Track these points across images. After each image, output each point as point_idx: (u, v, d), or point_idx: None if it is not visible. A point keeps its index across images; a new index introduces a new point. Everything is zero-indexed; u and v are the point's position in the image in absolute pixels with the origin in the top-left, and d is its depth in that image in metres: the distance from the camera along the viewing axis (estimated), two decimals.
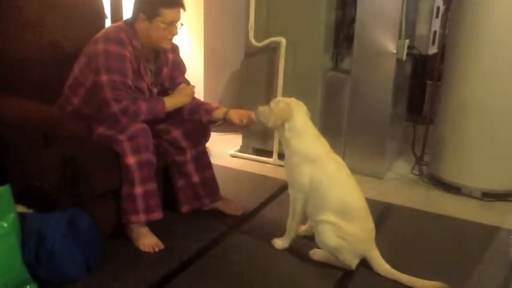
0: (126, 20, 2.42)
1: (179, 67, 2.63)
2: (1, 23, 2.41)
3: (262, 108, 2.38)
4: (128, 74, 2.30)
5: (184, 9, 2.38)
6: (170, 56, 2.57)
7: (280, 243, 2.42)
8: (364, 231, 2.21)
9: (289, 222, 2.39)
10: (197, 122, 2.62)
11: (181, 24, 2.39)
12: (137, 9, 2.34)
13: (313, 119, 2.35)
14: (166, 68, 2.56)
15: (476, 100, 3.05)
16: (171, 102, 2.45)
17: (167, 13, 2.31)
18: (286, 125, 2.27)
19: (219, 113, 2.55)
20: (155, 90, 2.52)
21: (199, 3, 4.00)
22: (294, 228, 2.39)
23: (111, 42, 2.28)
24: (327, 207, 2.21)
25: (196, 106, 2.58)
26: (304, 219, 2.44)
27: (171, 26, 2.35)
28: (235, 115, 2.53)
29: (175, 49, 2.60)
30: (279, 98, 2.37)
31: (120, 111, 2.28)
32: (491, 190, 3.15)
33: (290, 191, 2.35)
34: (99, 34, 2.34)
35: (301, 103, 2.34)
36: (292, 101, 2.32)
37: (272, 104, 2.34)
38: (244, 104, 3.63)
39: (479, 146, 3.10)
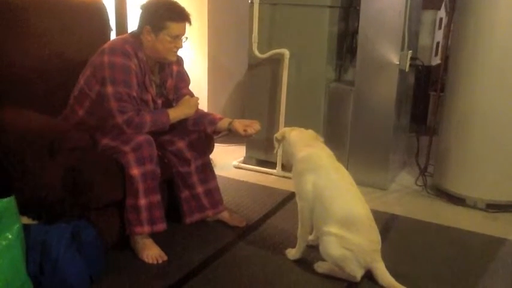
0: (132, 32, 2.44)
1: (183, 79, 2.65)
2: (7, 35, 2.43)
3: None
4: (132, 86, 2.32)
5: (190, 23, 2.40)
6: (174, 67, 2.59)
7: (292, 253, 2.43)
8: (369, 241, 2.20)
9: (299, 232, 2.40)
10: (201, 133, 2.63)
11: (186, 38, 2.42)
12: (143, 21, 2.36)
13: (316, 131, 2.39)
14: (171, 79, 2.58)
15: (480, 111, 3.05)
16: (175, 113, 2.47)
17: (173, 27, 2.33)
18: (285, 142, 2.39)
19: (223, 124, 2.56)
20: (159, 101, 2.53)
21: (203, 15, 4.03)
22: (304, 238, 2.39)
23: (116, 54, 2.30)
24: (331, 218, 2.20)
25: (200, 117, 2.60)
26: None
27: (177, 39, 2.37)
28: (240, 125, 2.54)
29: (179, 61, 2.62)
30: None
31: (124, 122, 2.29)
32: (495, 201, 3.13)
33: (297, 200, 2.36)
34: (105, 46, 2.36)
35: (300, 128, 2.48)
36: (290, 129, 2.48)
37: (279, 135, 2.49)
38: (247, 116, 3.65)
39: (483, 157, 3.10)
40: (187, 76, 2.69)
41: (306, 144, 2.37)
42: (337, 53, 3.56)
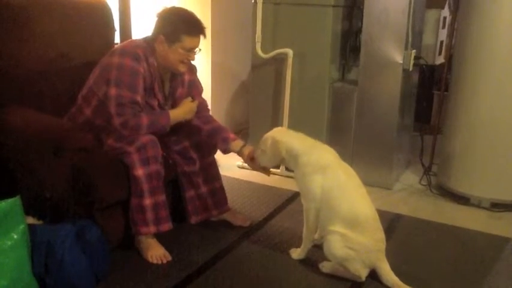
0: (146, 38, 2.42)
1: (197, 87, 2.65)
2: (12, 36, 2.44)
3: (258, 153, 2.42)
4: (138, 90, 2.30)
5: (205, 37, 2.38)
6: (186, 77, 2.57)
7: (297, 253, 2.43)
8: (374, 241, 2.20)
9: (304, 233, 2.39)
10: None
11: (200, 50, 2.40)
12: (158, 30, 2.34)
13: (320, 130, 2.36)
14: (182, 88, 2.56)
15: (484, 110, 3.04)
16: (174, 115, 2.44)
17: (188, 40, 2.32)
18: (285, 155, 2.32)
19: (235, 146, 2.55)
20: (167, 108, 2.51)
21: (206, 15, 4.03)
22: (309, 238, 2.39)
23: (127, 56, 2.29)
24: (337, 217, 2.20)
25: (214, 131, 2.58)
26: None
27: (190, 52, 2.36)
28: (248, 152, 2.53)
29: (192, 70, 2.61)
30: (265, 135, 2.42)
31: (120, 125, 2.28)
32: (500, 200, 3.13)
33: (303, 201, 2.35)
34: (117, 47, 2.36)
35: (284, 129, 2.43)
36: (276, 132, 2.38)
37: (262, 145, 2.38)
38: (251, 115, 3.65)
39: (487, 156, 3.09)
40: (200, 84, 2.69)
41: (308, 145, 2.32)
42: (340, 53, 3.55)
